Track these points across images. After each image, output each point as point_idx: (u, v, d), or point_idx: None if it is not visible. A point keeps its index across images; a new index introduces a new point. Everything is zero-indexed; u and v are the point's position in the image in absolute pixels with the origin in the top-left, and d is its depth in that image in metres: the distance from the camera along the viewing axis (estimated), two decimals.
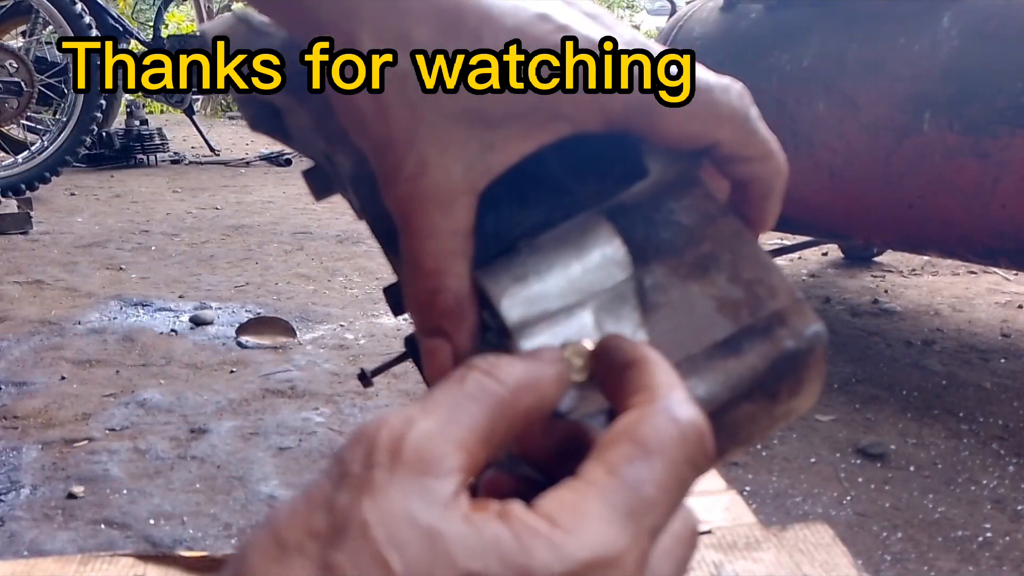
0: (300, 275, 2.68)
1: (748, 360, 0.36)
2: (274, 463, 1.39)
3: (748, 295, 0.37)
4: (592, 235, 0.37)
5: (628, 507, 0.26)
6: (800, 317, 0.36)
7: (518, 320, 0.35)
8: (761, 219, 0.40)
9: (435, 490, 0.25)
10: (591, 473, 0.27)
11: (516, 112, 0.35)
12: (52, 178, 3.84)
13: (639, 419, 0.28)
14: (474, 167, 0.35)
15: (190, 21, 9.15)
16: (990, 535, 1.20)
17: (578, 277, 0.36)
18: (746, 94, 0.37)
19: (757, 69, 1.73)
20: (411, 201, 0.35)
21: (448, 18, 0.34)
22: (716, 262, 0.38)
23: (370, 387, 0.50)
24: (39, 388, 1.70)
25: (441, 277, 0.35)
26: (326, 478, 0.26)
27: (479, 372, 0.29)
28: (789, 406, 0.37)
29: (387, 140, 0.35)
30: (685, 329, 0.36)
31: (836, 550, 1.05)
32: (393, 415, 0.27)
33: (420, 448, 0.26)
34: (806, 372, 0.37)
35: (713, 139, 0.37)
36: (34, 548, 1.14)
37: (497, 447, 0.29)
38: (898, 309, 2.29)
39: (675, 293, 0.37)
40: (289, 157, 5.77)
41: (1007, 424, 1.56)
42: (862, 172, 1.57)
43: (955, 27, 1.47)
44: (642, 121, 0.36)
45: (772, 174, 0.39)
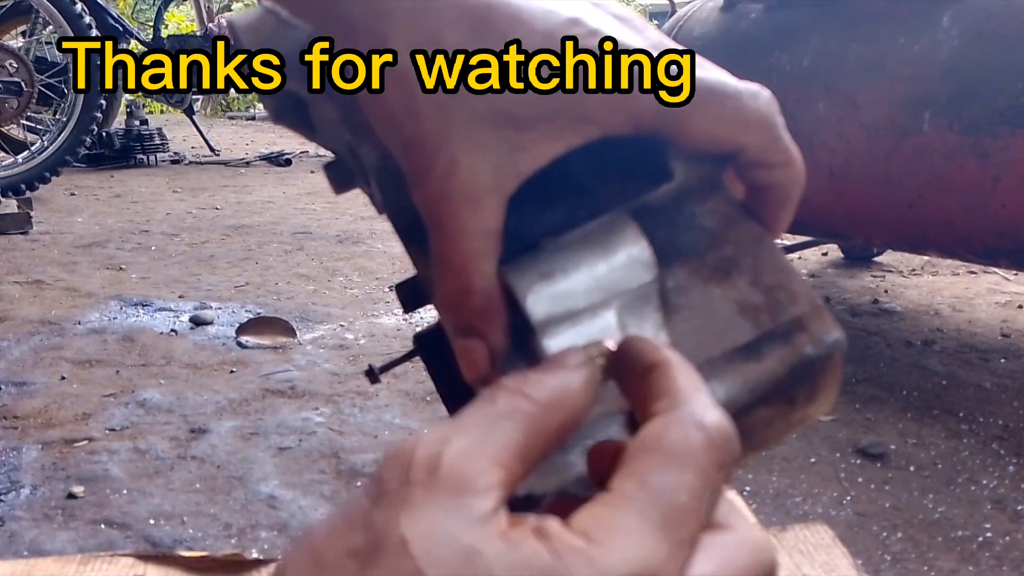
0: (300, 275, 2.68)
1: (768, 365, 0.36)
2: (274, 463, 1.39)
3: (769, 300, 0.37)
4: (619, 235, 0.37)
5: (662, 518, 0.26)
6: (820, 324, 0.36)
7: (543, 317, 0.35)
8: (775, 225, 0.40)
9: (473, 507, 0.26)
10: (622, 486, 0.27)
11: (545, 114, 0.35)
12: (52, 178, 3.84)
13: (665, 426, 0.28)
14: (503, 168, 0.35)
15: (190, 21, 9.15)
16: (990, 535, 1.20)
17: (604, 276, 0.36)
18: (774, 101, 0.38)
19: (757, 69, 1.73)
20: (441, 200, 0.35)
21: (478, 21, 0.34)
22: (737, 266, 0.38)
23: (377, 383, 0.50)
24: (39, 388, 1.69)
25: (471, 276, 0.35)
26: (364, 496, 0.26)
27: (509, 391, 0.29)
28: (805, 412, 0.37)
29: (417, 139, 0.35)
30: (706, 332, 0.36)
31: (836, 551, 1.04)
32: (429, 434, 0.27)
33: (457, 465, 0.26)
34: (823, 379, 0.37)
35: (740, 144, 0.37)
36: (34, 548, 1.13)
37: (533, 463, 0.29)
38: (898, 309, 2.29)
39: (696, 296, 0.37)
40: (289, 157, 5.77)
41: (1007, 424, 1.55)
42: (862, 172, 1.57)
43: (955, 27, 1.47)
44: (670, 124, 0.36)
45: (792, 181, 0.39)
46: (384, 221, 0.41)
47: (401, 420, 1.56)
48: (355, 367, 1.85)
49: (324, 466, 1.38)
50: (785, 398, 0.36)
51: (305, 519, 1.21)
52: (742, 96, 0.37)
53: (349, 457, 1.41)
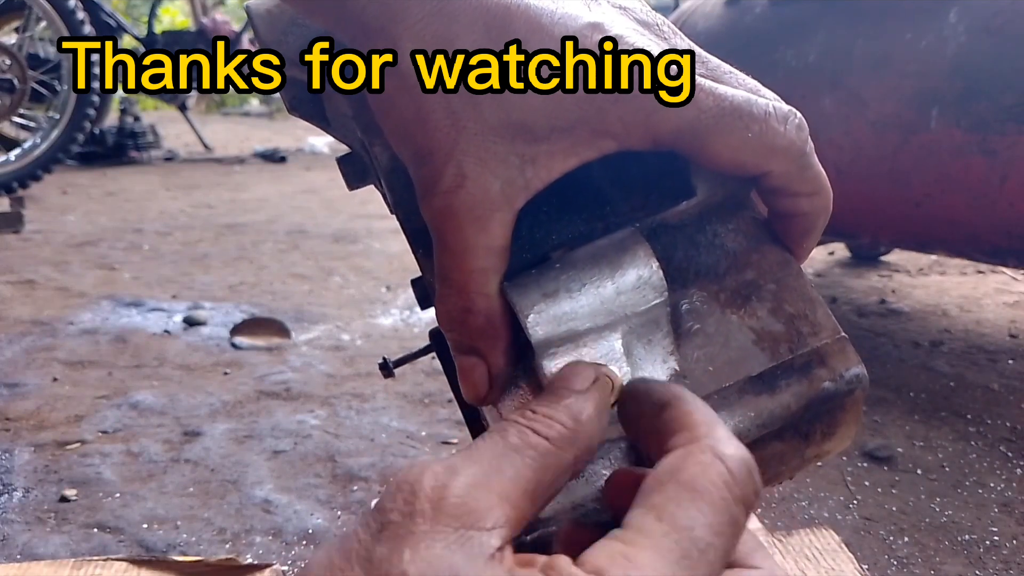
0: (295, 275, 2.66)
1: (782, 399, 0.34)
2: (268, 466, 1.37)
3: (789, 329, 0.35)
4: (630, 255, 0.35)
5: (681, 554, 0.25)
6: (841, 358, 0.35)
7: (543, 338, 0.34)
8: (797, 253, 0.38)
9: (479, 543, 0.24)
10: (638, 520, 0.26)
11: (559, 126, 0.33)
12: (45, 176, 3.82)
13: (684, 460, 0.27)
14: (513, 183, 0.33)
15: (184, 16, 9.13)
16: (997, 539, 1.19)
17: (610, 298, 0.34)
18: (804, 126, 0.36)
19: (762, 64, 1.71)
20: (447, 215, 0.33)
21: (495, 25, 0.33)
22: (759, 291, 0.36)
23: (391, 377, 0.49)
24: (31, 389, 1.67)
25: (473, 296, 0.34)
26: (363, 528, 0.25)
27: (521, 426, 0.29)
28: (821, 448, 0.36)
29: (426, 149, 0.33)
30: (719, 360, 0.35)
31: (842, 556, 1.03)
32: (435, 463, 0.26)
33: (464, 498, 0.25)
34: (842, 415, 0.35)
35: (764, 170, 0.36)
36: (27, 552, 1.12)
37: (543, 500, 0.28)
38: (905, 309, 2.27)
39: (712, 321, 0.36)
40: (284, 155, 5.75)
41: (1015, 426, 1.54)
42: (868, 170, 1.55)
43: (962, 23, 1.45)
44: (692, 144, 0.35)
45: (818, 211, 0.37)
46: (380, 220, 0.40)
47: (398, 423, 1.54)
48: (351, 368, 1.82)
49: (320, 470, 1.36)
50: (800, 433, 0.35)
51: (300, 524, 1.19)
52: (769, 120, 0.35)
53: (345, 461, 1.38)
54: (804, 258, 0.39)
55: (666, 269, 0.35)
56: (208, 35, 5.03)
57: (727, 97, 0.34)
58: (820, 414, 0.35)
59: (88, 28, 3.86)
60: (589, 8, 0.34)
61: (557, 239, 0.35)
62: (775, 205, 0.38)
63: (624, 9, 0.36)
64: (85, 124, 3.91)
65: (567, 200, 0.36)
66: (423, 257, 0.39)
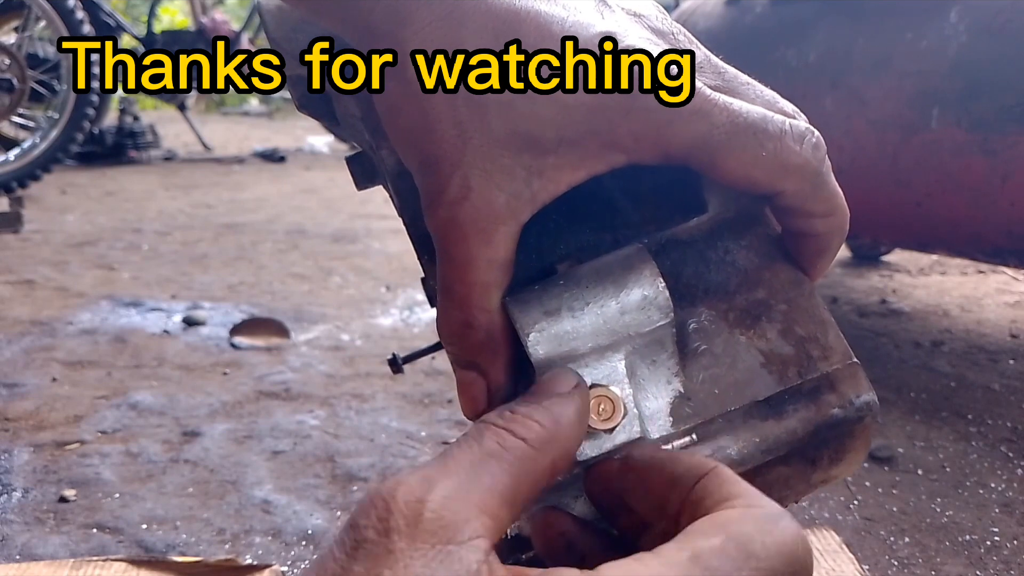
0: (295, 274, 2.65)
1: (788, 424, 0.34)
2: (268, 467, 1.36)
3: (799, 352, 0.35)
4: (635, 274, 0.34)
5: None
6: (852, 384, 0.34)
7: (544, 357, 0.33)
8: (811, 273, 0.38)
9: (459, 559, 0.24)
10: (671, 555, 0.25)
11: (569, 138, 0.33)
12: (44, 176, 3.81)
13: (742, 518, 0.26)
14: (519, 195, 0.33)
15: (183, 16, 9.12)
16: (998, 539, 1.18)
17: (614, 318, 0.33)
18: (821, 144, 0.35)
19: (762, 64, 1.70)
20: (450, 227, 0.33)
21: (504, 30, 0.32)
22: (769, 311, 0.35)
23: (400, 373, 0.49)
24: (30, 390, 1.67)
25: (474, 311, 0.33)
26: (339, 547, 0.24)
27: (498, 428, 0.28)
28: (828, 473, 0.35)
29: (432, 159, 0.33)
30: (725, 382, 0.34)
31: (843, 556, 1.03)
32: (409, 475, 0.25)
33: (440, 512, 0.24)
34: (851, 441, 0.35)
35: (778, 189, 0.35)
36: (26, 552, 1.11)
37: (523, 506, 0.27)
38: (906, 309, 2.27)
39: (719, 341, 0.35)
40: (283, 155, 5.75)
41: (1016, 427, 1.54)
42: (869, 169, 1.55)
43: (963, 22, 1.45)
44: (703, 160, 0.34)
45: (833, 232, 0.37)
46: (380, 220, 0.39)
47: (398, 423, 1.53)
48: (351, 369, 1.82)
49: (319, 470, 1.35)
50: (806, 458, 0.34)
51: (300, 524, 1.19)
52: (784, 138, 0.34)
53: (345, 461, 1.38)
54: (818, 278, 0.38)
55: (674, 286, 0.34)
56: (208, 35, 5.03)
57: (741, 113, 0.33)
58: (828, 440, 0.34)
59: (87, 28, 3.85)
60: (602, 16, 0.34)
61: (564, 248, 0.35)
62: (789, 224, 0.37)
63: (639, 16, 0.35)
64: (84, 124, 3.91)
65: (576, 208, 0.35)
66: (428, 263, 0.38)
